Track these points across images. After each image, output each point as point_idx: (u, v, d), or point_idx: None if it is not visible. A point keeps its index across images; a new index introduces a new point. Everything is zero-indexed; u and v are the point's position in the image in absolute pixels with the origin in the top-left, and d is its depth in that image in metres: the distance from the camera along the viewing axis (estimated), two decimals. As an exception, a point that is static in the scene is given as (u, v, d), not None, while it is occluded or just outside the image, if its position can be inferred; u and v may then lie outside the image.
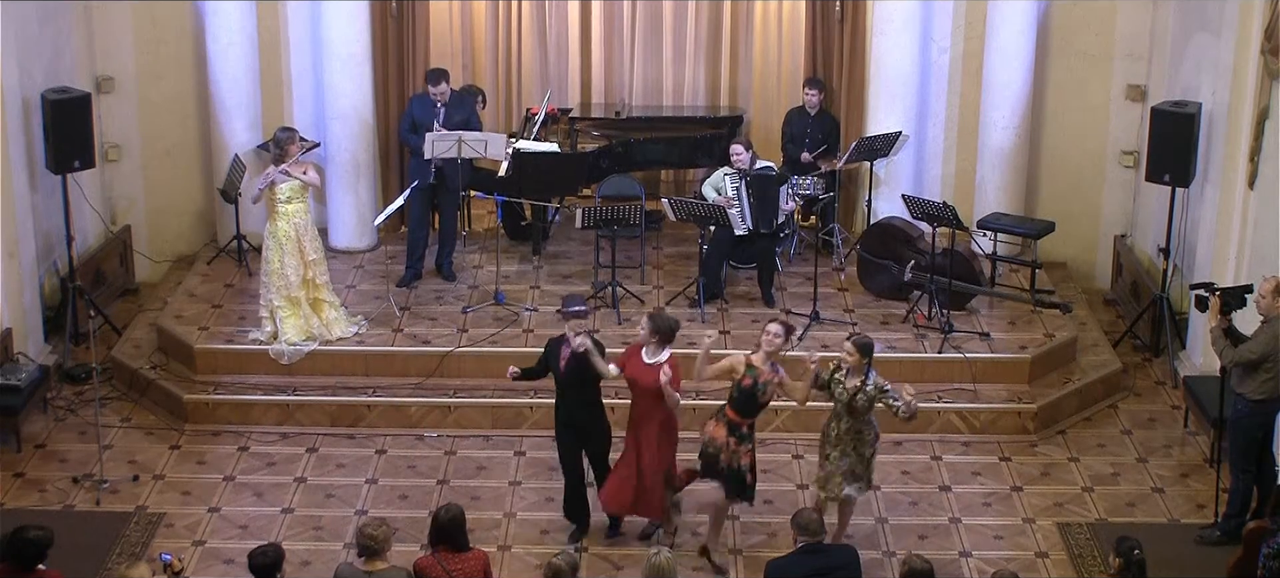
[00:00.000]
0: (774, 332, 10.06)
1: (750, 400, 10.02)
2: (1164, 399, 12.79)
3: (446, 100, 13.22)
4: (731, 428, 10.06)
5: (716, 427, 10.13)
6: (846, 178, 14.52)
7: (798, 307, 13.13)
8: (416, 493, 11.29)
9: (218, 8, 13.92)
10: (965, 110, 14.38)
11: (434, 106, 13.22)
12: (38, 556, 8.38)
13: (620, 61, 15.52)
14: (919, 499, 11.31)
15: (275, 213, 12.20)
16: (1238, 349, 10.26)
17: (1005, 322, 13.10)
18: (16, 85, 12.54)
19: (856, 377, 9.98)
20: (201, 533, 10.74)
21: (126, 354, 12.87)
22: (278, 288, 12.30)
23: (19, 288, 12.40)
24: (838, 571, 8.79)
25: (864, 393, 9.93)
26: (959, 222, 12.79)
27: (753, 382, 9.98)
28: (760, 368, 10.01)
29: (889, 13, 13.92)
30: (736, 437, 10.05)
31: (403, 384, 12.36)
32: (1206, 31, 13.00)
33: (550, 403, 12.11)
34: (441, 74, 13.32)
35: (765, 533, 10.78)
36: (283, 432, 12.02)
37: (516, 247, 14.50)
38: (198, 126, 14.57)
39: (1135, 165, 14.42)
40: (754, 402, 10.03)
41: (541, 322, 12.93)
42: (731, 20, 15.34)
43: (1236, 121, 12.04)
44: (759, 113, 15.45)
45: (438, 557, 8.48)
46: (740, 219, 13.12)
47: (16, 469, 11.53)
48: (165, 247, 14.84)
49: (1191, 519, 11.01)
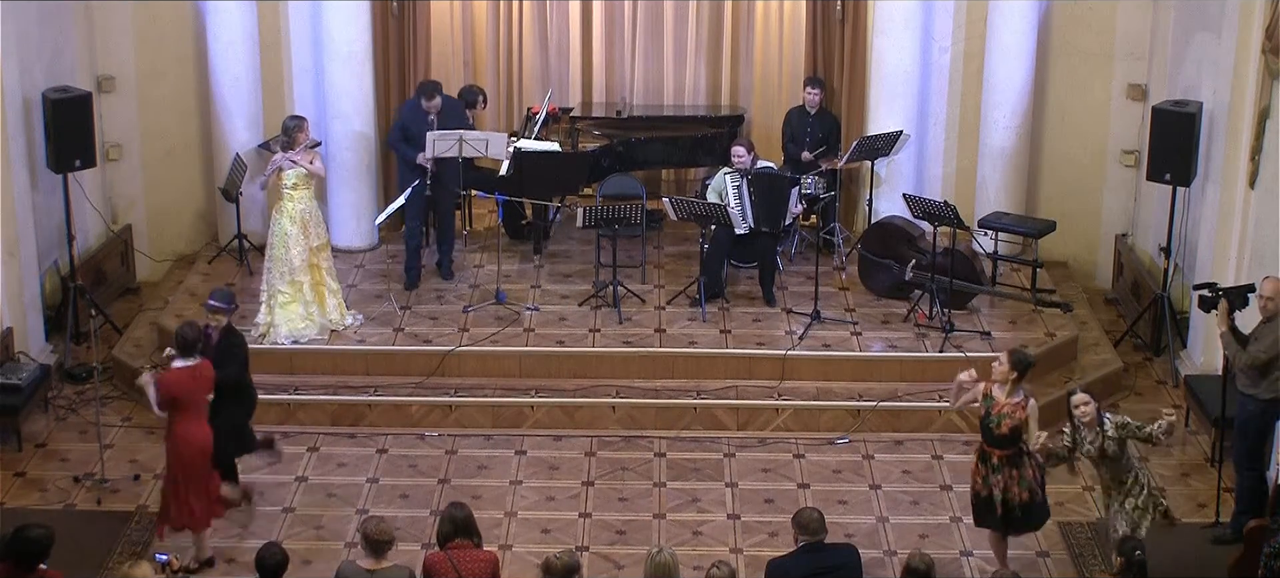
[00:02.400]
0: (1000, 360, 9.84)
1: (985, 430, 9.85)
2: (1165, 399, 12.78)
3: (438, 112, 13.23)
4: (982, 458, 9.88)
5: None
6: (847, 177, 14.52)
7: (798, 306, 13.14)
8: (417, 492, 11.29)
9: (218, 7, 13.92)
10: (966, 110, 14.38)
11: (427, 118, 13.23)
12: (39, 555, 8.38)
13: (621, 61, 15.53)
14: (920, 498, 11.31)
15: (281, 199, 12.25)
16: (1248, 351, 10.25)
17: (1006, 321, 13.11)
18: (17, 85, 12.53)
19: (1092, 430, 9.59)
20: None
21: (127, 354, 12.87)
22: (280, 272, 12.33)
23: (20, 287, 12.40)
24: (838, 570, 8.78)
25: (1107, 438, 9.52)
26: (960, 221, 12.79)
27: (985, 411, 9.82)
28: (996, 398, 9.78)
29: (890, 12, 13.91)
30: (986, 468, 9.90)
31: (404, 383, 12.36)
32: (1207, 31, 13.00)
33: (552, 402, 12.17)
34: (435, 88, 13.32)
35: (766, 533, 10.78)
36: (283, 431, 12.02)
37: (517, 246, 14.50)
38: (198, 126, 14.57)
39: (1136, 165, 14.41)
40: (989, 432, 9.81)
41: (542, 321, 12.94)
42: (732, 20, 15.35)
43: (1237, 121, 12.04)
44: (759, 112, 15.45)
45: (449, 554, 8.48)
46: (741, 218, 13.12)
47: (17, 469, 11.54)
48: (166, 246, 14.84)
49: (1192, 518, 11.00)
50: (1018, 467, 9.79)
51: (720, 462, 11.76)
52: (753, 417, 12.13)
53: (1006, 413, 9.72)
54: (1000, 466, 9.80)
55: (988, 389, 9.84)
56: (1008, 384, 9.78)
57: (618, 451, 11.92)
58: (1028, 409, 9.71)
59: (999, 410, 9.74)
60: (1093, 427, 9.57)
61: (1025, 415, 9.68)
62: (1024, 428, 9.70)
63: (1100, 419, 9.57)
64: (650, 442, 12.01)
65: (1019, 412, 9.70)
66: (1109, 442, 9.55)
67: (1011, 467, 9.80)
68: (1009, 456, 9.78)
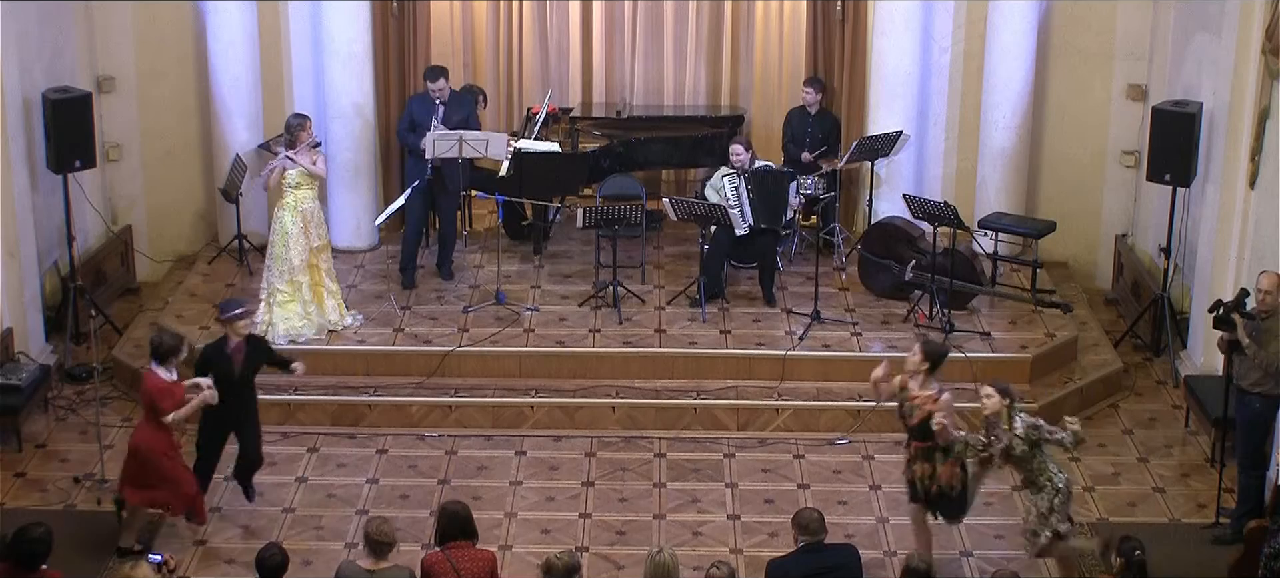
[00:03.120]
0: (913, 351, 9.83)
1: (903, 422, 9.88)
2: (1165, 399, 12.79)
3: (445, 98, 13.23)
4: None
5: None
6: (847, 177, 14.52)
7: (798, 306, 13.14)
8: (417, 493, 11.29)
9: (218, 7, 13.92)
10: (966, 110, 14.38)
11: (433, 105, 13.23)
12: (39, 556, 8.37)
13: (621, 61, 15.53)
14: (920, 499, 11.31)
15: (283, 197, 12.25)
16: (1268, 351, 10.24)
17: (1006, 321, 13.10)
18: (17, 85, 12.53)
19: (996, 423, 9.55)
20: (202, 533, 10.73)
21: (127, 354, 12.87)
22: (280, 271, 12.33)
23: (20, 287, 12.40)
24: (838, 570, 8.78)
25: (1018, 438, 9.45)
26: (960, 221, 12.79)
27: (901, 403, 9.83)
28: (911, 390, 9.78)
29: (890, 12, 13.92)
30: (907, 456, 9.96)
31: (404, 384, 12.36)
32: (1207, 31, 13.00)
33: (553, 402, 12.17)
34: (440, 71, 13.33)
35: (766, 533, 10.78)
36: (283, 431, 12.02)
37: (517, 246, 14.50)
38: (198, 126, 14.57)
39: (1136, 165, 14.42)
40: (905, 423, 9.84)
41: (542, 321, 12.93)
42: (732, 20, 15.35)
43: (1237, 121, 12.04)
44: (759, 112, 15.45)
45: (448, 554, 8.48)
46: (741, 218, 13.12)
47: (17, 469, 11.53)
48: (166, 246, 14.84)
49: (1192, 519, 11.01)
50: (932, 462, 9.74)
51: (720, 462, 11.76)
52: (753, 417, 12.13)
53: (918, 405, 9.69)
54: (916, 457, 9.82)
55: (904, 382, 9.81)
56: (921, 375, 9.72)
57: (618, 451, 11.92)
58: (940, 401, 9.59)
59: (912, 402, 9.71)
60: (996, 423, 9.48)
61: (935, 407, 9.56)
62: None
63: (1012, 417, 9.48)
64: (650, 442, 12.01)
65: (929, 404, 9.63)
66: (1017, 441, 9.46)
67: (926, 460, 9.77)
68: (924, 449, 9.74)
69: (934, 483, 9.79)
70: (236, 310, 10.52)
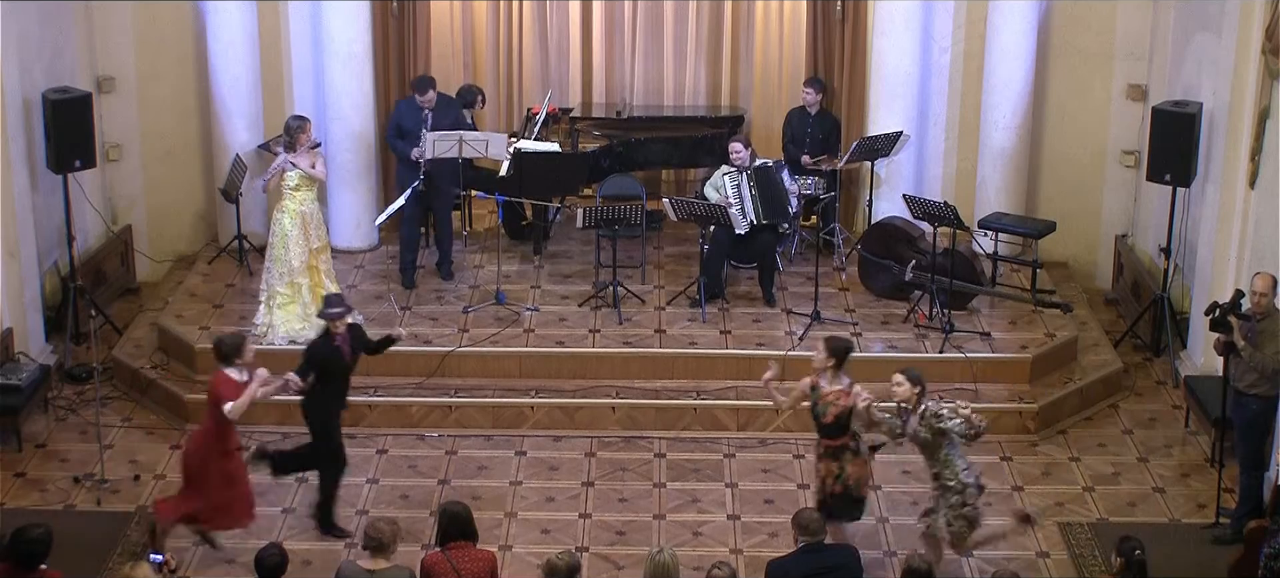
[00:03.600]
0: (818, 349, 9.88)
1: (815, 421, 9.88)
2: (1165, 399, 12.79)
3: (433, 107, 13.24)
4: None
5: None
6: (847, 178, 14.52)
7: (798, 306, 13.14)
8: (417, 493, 11.29)
9: (218, 7, 13.91)
10: (966, 110, 14.38)
11: (421, 113, 13.24)
12: (40, 556, 8.37)
13: (621, 61, 15.53)
14: (920, 499, 11.25)
15: (283, 199, 12.25)
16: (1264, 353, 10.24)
17: (1006, 321, 13.10)
18: (17, 85, 12.53)
19: (904, 410, 9.61)
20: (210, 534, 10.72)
21: (127, 354, 12.87)
22: (281, 273, 12.33)
23: (20, 287, 12.40)
24: (838, 570, 8.79)
25: (922, 425, 9.53)
26: (960, 221, 12.79)
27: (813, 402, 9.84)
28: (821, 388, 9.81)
29: (890, 12, 13.91)
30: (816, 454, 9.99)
31: (404, 384, 12.35)
32: (1207, 31, 13.00)
33: (553, 403, 12.17)
34: (430, 82, 13.33)
35: (766, 533, 10.78)
36: (283, 432, 12.01)
37: (517, 246, 14.50)
38: (198, 126, 14.57)
39: (1136, 165, 14.41)
40: (818, 422, 9.85)
41: (542, 321, 12.93)
42: (732, 20, 15.35)
43: (1237, 121, 12.04)
44: (759, 113, 15.45)
45: (447, 555, 8.48)
46: (741, 217, 13.12)
47: (17, 469, 11.54)
48: (166, 246, 14.84)
49: (1192, 519, 11.01)
50: (840, 461, 9.78)
51: (720, 462, 11.76)
52: (753, 417, 12.13)
53: (831, 401, 9.71)
54: (825, 455, 9.85)
55: (814, 381, 9.83)
56: (828, 372, 9.76)
57: (617, 451, 11.92)
58: (852, 395, 9.64)
59: (824, 400, 9.74)
60: (904, 409, 9.54)
61: (850, 403, 9.62)
62: (850, 416, 9.67)
63: (921, 404, 9.52)
64: (650, 442, 12.01)
65: (842, 399, 9.66)
66: (922, 428, 9.50)
67: (833, 459, 9.81)
68: (833, 448, 9.79)
69: (840, 483, 9.82)
70: (338, 309, 10.52)
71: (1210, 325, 10.52)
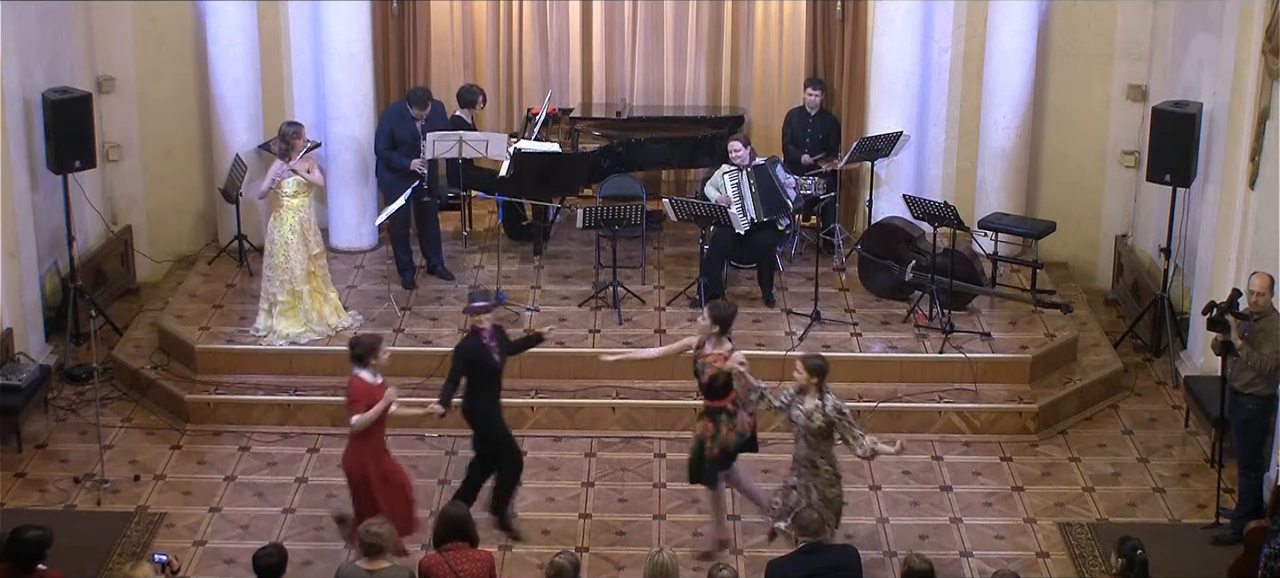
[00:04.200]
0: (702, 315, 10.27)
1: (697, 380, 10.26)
2: (1165, 399, 12.79)
3: (425, 119, 13.27)
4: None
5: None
6: (847, 178, 14.52)
7: (799, 307, 13.14)
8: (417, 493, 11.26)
9: (218, 7, 13.91)
10: (966, 110, 14.38)
11: (415, 125, 13.24)
12: (37, 555, 8.37)
13: (621, 61, 15.53)
14: (920, 499, 11.31)
15: (281, 206, 12.24)
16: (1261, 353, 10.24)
17: (1006, 322, 13.10)
18: (17, 85, 12.54)
19: (812, 398, 9.76)
20: (202, 533, 10.74)
21: (127, 354, 12.87)
22: (281, 281, 12.33)
23: (20, 288, 12.41)
24: (838, 571, 8.78)
25: (822, 413, 9.69)
26: (960, 222, 12.79)
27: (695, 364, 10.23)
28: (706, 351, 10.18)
29: (890, 13, 13.92)
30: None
31: (404, 384, 12.32)
32: (1207, 31, 13.00)
33: (552, 403, 12.17)
34: (427, 97, 13.34)
35: (766, 533, 10.77)
36: (284, 432, 12.02)
37: (517, 246, 14.50)
38: (198, 126, 14.57)
39: (1136, 165, 14.42)
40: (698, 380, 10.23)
41: (542, 321, 12.92)
42: (732, 20, 15.35)
43: (1237, 121, 12.04)
44: (760, 113, 15.45)
45: (445, 556, 8.48)
46: (742, 215, 13.12)
47: (17, 469, 11.54)
48: (166, 246, 14.83)
49: (1192, 519, 11.01)
50: (716, 423, 10.11)
51: (720, 462, 11.74)
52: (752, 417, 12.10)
53: (710, 362, 10.03)
54: (703, 414, 10.20)
55: (701, 342, 10.18)
56: (712, 337, 10.09)
57: (618, 451, 11.92)
58: (731, 361, 9.95)
59: (703, 360, 10.08)
60: (812, 395, 9.72)
61: (725, 366, 9.95)
62: (728, 378, 10.01)
63: (824, 395, 9.72)
64: (650, 442, 12.01)
65: (718, 361, 9.99)
66: (819, 415, 9.67)
67: (710, 420, 10.13)
68: (712, 408, 10.12)
69: (715, 444, 10.13)
70: (483, 303, 10.48)
71: (1208, 325, 10.53)
